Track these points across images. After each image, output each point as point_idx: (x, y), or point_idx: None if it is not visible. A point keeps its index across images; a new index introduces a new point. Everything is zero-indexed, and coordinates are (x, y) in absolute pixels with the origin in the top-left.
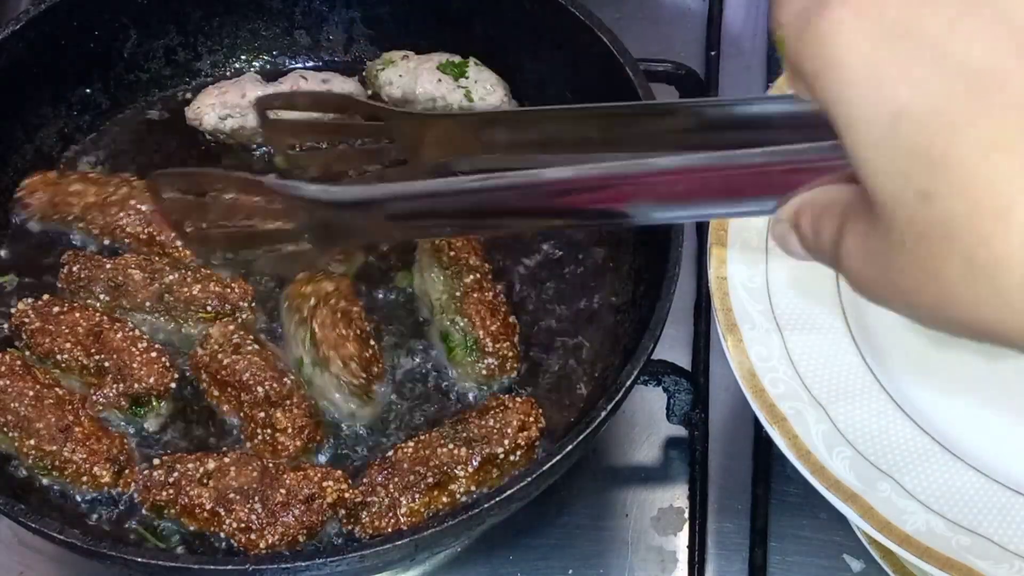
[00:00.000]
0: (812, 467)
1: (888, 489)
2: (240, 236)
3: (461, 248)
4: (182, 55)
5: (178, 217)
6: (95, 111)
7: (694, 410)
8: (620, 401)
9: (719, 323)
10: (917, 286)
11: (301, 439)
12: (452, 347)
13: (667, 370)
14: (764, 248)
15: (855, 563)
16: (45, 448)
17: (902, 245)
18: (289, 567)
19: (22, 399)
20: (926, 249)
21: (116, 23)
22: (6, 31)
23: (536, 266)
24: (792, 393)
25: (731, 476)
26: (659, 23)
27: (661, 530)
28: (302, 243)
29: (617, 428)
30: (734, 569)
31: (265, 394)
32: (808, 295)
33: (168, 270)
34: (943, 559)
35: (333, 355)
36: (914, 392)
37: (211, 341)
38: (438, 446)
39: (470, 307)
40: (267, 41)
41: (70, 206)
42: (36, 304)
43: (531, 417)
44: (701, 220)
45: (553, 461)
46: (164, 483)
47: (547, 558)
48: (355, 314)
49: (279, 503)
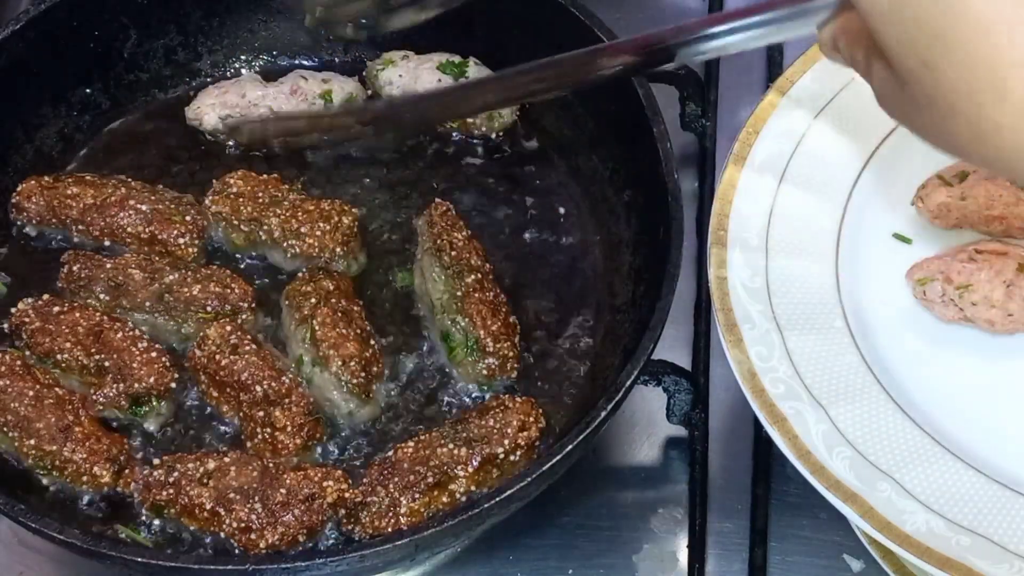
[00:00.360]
0: (812, 467)
1: (888, 489)
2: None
3: (462, 248)
4: (182, 55)
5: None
6: (95, 111)
7: (694, 410)
8: (620, 401)
9: (719, 323)
10: (929, 130)
11: (301, 437)
12: (453, 347)
13: (667, 370)
14: (764, 248)
15: (855, 563)
16: (45, 448)
17: (914, 100)
18: (289, 567)
19: (22, 399)
20: (935, 111)
21: (116, 23)
22: (6, 31)
23: (536, 267)
24: (792, 393)
25: (731, 476)
26: (659, 23)
27: (661, 530)
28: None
29: (617, 428)
30: (734, 569)
31: (264, 393)
32: (808, 295)
33: (168, 270)
34: (943, 559)
35: (333, 354)
36: (914, 392)
37: (208, 342)
38: (438, 446)
39: (471, 307)
40: (267, 41)
41: (68, 209)
42: (36, 304)
43: (531, 417)
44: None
45: (553, 461)
46: (164, 483)
47: (547, 558)
48: (355, 313)
49: (279, 503)
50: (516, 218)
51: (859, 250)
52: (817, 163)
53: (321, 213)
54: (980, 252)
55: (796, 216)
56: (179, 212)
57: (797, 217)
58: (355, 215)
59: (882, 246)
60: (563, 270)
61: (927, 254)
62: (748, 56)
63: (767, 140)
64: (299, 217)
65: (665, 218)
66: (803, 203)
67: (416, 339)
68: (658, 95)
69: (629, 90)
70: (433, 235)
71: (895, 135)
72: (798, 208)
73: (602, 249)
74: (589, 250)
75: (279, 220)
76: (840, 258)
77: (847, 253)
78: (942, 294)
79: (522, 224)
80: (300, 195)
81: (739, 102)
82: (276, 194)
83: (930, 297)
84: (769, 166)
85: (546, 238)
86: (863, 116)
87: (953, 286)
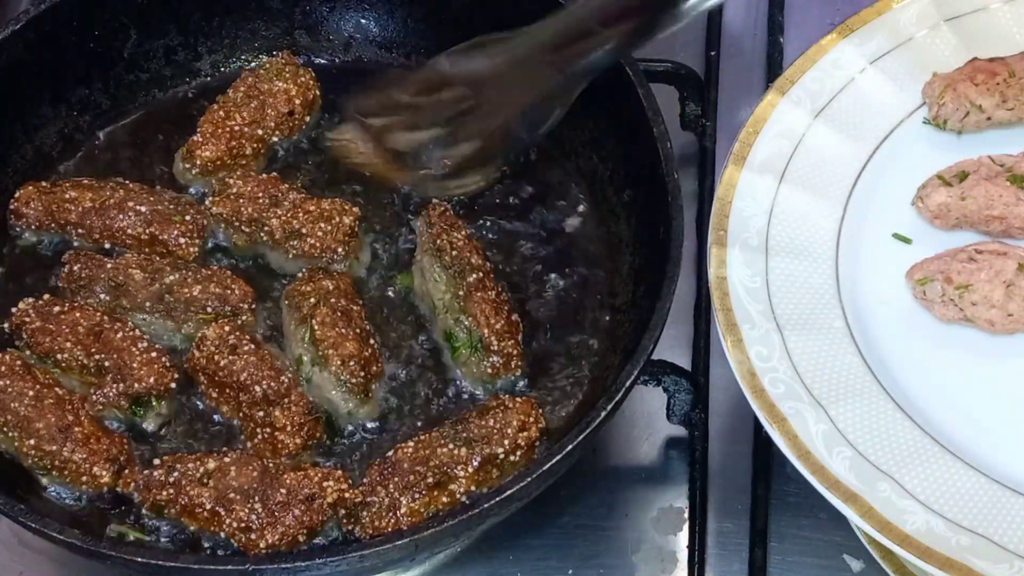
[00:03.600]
0: (812, 467)
1: (888, 489)
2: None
3: (463, 248)
4: (182, 55)
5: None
6: (95, 111)
7: (694, 410)
8: (620, 401)
9: (719, 323)
10: None
11: (301, 437)
12: (456, 346)
13: (667, 370)
14: (764, 248)
15: (855, 563)
16: (45, 448)
17: None
18: (289, 567)
19: (22, 399)
20: None
21: (116, 23)
22: (6, 31)
23: (536, 267)
24: (792, 393)
25: (731, 476)
26: None
27: (661, 530)
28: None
29: (617, 428)
30: (734, 569)
31: (263, 393)
32: (808, 295)
33: (169, 270)
34: (943, 559)
35: (332, 354)
36: (914, 392)
37: (207, 343)
38: (438, 446)
39: (474, 306)
40: (267, 41)
41: (67, 213)
42: (36, 304)
43: (531, 417)
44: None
45: (553, 461)
46: (164, 483)
47: (547, 558)
48: (355, 313)
49: (279, 503)
50: (516, 218)
51: (859, 250)
52: (817, 163)
53: (322, 213)
54: (980, 252)
55: (796, 216)
56: (179, 212)
57: (797, 217)
58: (356, 214)
59: (882, 246)
60: (562, 270)
61: (927, 254)
62: (748, 56)
63: (767, 140)
64: (300, 217)
65: (665, 218)
66: (803, 203)
67: (416, 339)
68: (658, 95)
69: (629, 90)
70: (432, 235)
71: (895, 135)
72: (798, 208)
73: (602, 249)
74: (589, 250)
75: (280, 221)
76: (840, 258)
77: (847, 253)
78: (942, 294)
79: (522, 224)
80: (300, 194)
81: (739, 102)
82: (276, 194)
83: (930, 297)
84: (769, 166)
85: (546, 238)
86: (863, 116)
87: (953, 286)
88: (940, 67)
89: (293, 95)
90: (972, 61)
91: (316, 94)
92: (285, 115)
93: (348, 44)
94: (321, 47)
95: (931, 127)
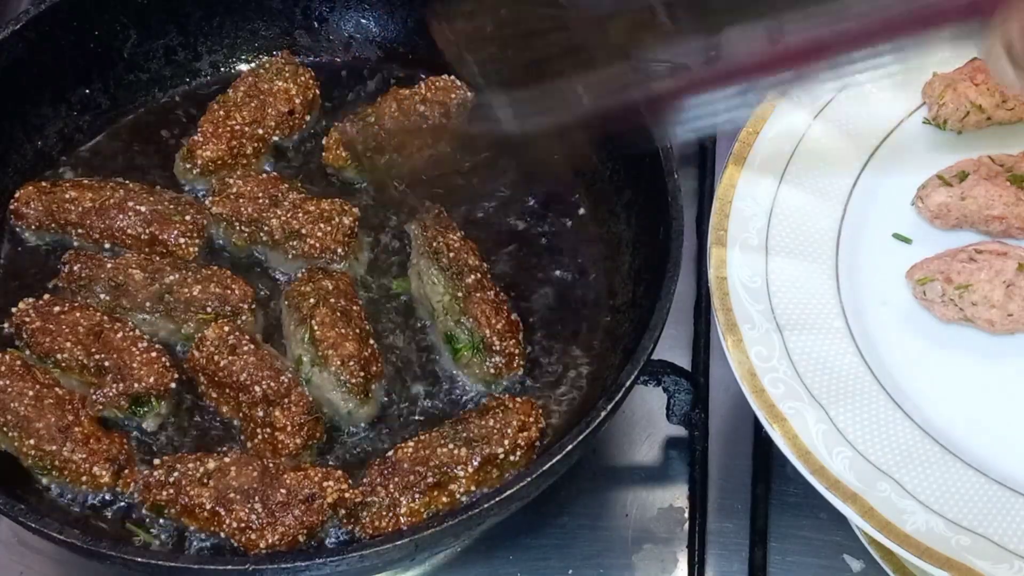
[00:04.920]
0: (812, 467)
1: (888, 489)
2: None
3: (459, 249)
4: (182, 55)
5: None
6: (95, 111)
7: (694, 410)
8: (620, 401)
9: (719, 323)
10: None
11: (301, 436)
12: (458, 348)
13: (667, 370)
14: (764, 248)
15: (855, 563)
16: (45, 448)
17: None
18: (289, 567)
19: (22, 399)
20: None
21: (116, 23)
22: (6, 31)
23: (536, 267)
24: (792, 393)
25: (731, 476)
26: None
27: (661, 530)
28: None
29: (617, 428)
30: (734, 569)
31: (263, 393)
32: (808, 295)
33: (169, 270)
34: (943, 559)
35: (332, 354)
36: (914, 392)
37: (207, 343)
38: (438, 446)
39: (474, 307)
40: (267, 41)
41: (67, 213)
42: (36, 304)
43: (531, 417)
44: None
45: (553, 461)
46: (164, 483)
47: (547, 558)
48: (355, 313)
49: (279, 503)
50: (515, 219)
51: (859, 250)
52: (817, 163)
53: (321, 213)
54: (980, 252)
55: (796, 216)
56: (179, 212)
57: (797, 217)
58: (355, 215)
59: (882, 246)
60: (562, 271)
61: (927, 254)
62: None
63: (767, 140)
64: (300, 218)
65: (665, 218)
66: (803, 203)
67: (416, 339)
68: None
69: None
70: (428, 238)
71: (895, 135)
72: (798, 208)
73: (602, 249)
74: (589, 251)
75: (280, 221)
76: (840, 258)
77: (847, 253)
78: (942, 294)
79: (520, 224)
80: (300, 194)
81: None
82: (276, 194)
83: (930, 297)
84: (769, 166)
85: (545, 238)
86: (863, 116)
87: (953, 286)
88: (940, 67)
89: (293, 95)
90: (972, 61)
91: (316, 93)
92: (285, 114)
93: (348, 44)
94: (321, 47)
95: (931, 127)
